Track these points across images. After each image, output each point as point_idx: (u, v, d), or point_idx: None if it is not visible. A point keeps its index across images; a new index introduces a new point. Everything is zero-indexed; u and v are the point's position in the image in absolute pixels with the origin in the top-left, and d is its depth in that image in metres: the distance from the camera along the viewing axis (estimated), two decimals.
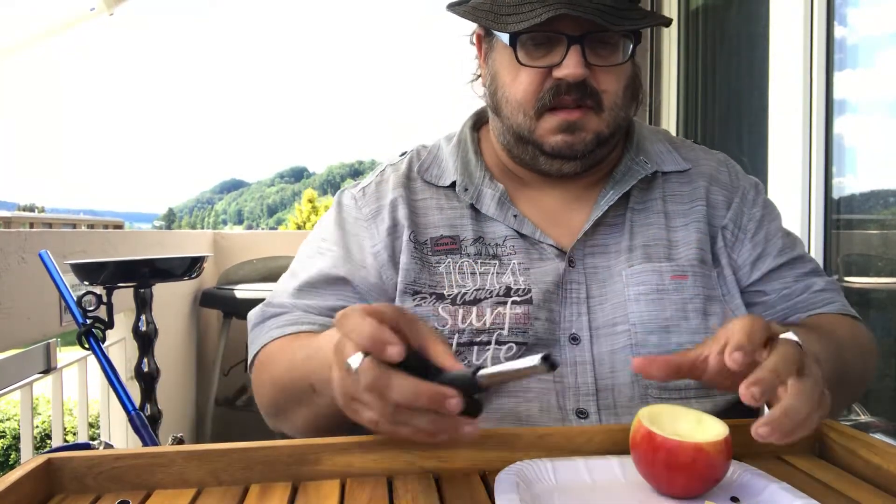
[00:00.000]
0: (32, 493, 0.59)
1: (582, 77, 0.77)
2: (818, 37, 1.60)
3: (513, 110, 0.82)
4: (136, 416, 1.46)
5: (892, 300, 1.56)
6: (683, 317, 0.80)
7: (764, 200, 0.91)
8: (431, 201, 0.88)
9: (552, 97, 0.79)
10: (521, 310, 0.80)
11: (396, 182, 0.90)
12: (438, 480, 0.64)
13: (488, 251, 0.84)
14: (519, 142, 0.84)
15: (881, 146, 1.57)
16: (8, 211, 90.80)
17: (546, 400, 0.78)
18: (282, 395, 0.79)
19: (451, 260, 0.84)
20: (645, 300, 0.80)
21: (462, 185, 0.87)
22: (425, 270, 0.84)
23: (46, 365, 1.79)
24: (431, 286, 0.83)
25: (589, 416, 0.78)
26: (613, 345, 0.80)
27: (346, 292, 0.85)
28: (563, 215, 0.88)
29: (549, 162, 0.83)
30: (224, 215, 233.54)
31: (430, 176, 0.90)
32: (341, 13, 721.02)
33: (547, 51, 0.78)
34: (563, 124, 0.80)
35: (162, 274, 1.72)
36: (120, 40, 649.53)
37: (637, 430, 0.59)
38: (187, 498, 0.61)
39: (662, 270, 0.82)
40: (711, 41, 2.28)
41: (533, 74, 0.79)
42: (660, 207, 0.87)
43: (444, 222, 0.87)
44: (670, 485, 0.58)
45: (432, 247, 0.85)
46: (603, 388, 0.79)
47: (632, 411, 0.77)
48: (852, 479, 0.64)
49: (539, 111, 0.80)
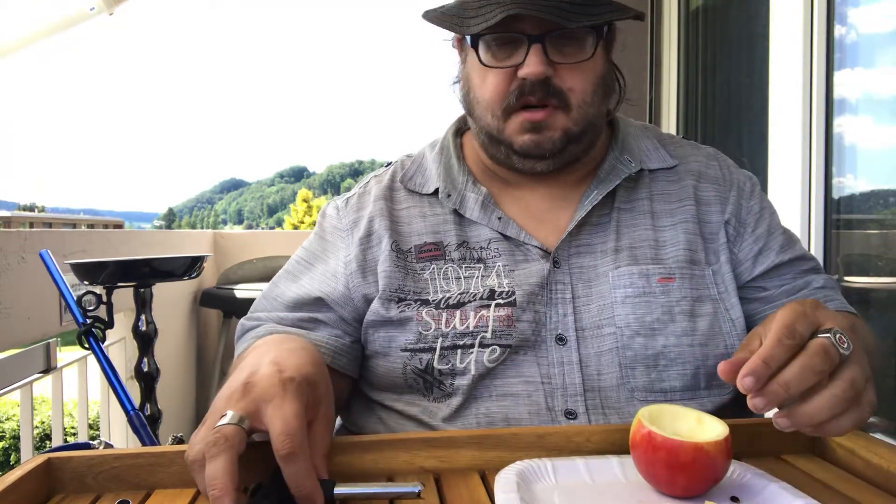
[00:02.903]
0: (32, 493, 0.59)
1: (543, 76, 0.78)
2: (818, 37, 1.60)
3: (483, 111, 0.83)
4: (136, 416, 1.46)
5: (892, 300, 1.56)
6: (670, 320, 0.80)
7: (760, 194, 0.91)
8: (415, 210, 0.89)
9: (516, 98, 0.80)
10: (504, 312, 0.80)
11: (378, 194, 0.91)
12: (438, 480, 0.64)
13: (473, 255, 0.85)
14: (492, 142, 0.85)
15: (881, 146, 1.57)
16: (8, 211, 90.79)
17: (535, 402, 0.78)
18: None
19: (435, 266, 0.84)
20: (631, 303, 0.80)
21: (445, 192, 0.88)
22: (409, 277, 0.84)
23: (46, 365, 1.79)
24: (416, 293, 0.83)
25: (578, 416, 0.78)
26: (600, 347, 0.80)
27: (320, 307, 0.87)
28: (549, 215, 0.88)
29: (522, 161, 0.84)
30: (224, 215, 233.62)
31: (413, 185, 0.91)
32: (342, 13, 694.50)
33: (510, 52, 0.79)
34: (526, 124, 0.81)
35: (162, 274, 1.73)
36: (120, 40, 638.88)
37: (637, 430, 0.59)
38: (187, 498, 0.61)
39: (649, 273, 0.82)
40: (711, 41, 2.28)
41: (499, 75, 0.80)
42: (646, 207, 0.87)
43: (428, 229, 0.87)
44: (670, 485, 0.58)
45: (416, 254, 0.86)
46: (590, 388, 0.79)
47: (619, 412, 0.78)
48: (852, 479, 0.64)
49: (506, 111, 0.81)
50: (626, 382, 0.78)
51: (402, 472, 0.65)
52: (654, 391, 0.78)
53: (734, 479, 0.60)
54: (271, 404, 0.56)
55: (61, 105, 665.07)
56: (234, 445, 0.53)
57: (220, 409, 0.57)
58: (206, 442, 0.53)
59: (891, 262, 1.56)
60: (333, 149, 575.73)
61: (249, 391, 0.58)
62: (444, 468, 0.65)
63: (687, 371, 0.78)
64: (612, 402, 0.78)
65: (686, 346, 0.79)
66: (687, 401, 0.79)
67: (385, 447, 0.65)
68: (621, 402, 0.78)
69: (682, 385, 0.78)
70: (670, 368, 0.78)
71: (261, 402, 0.57)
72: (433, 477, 0.64)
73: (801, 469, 0.66)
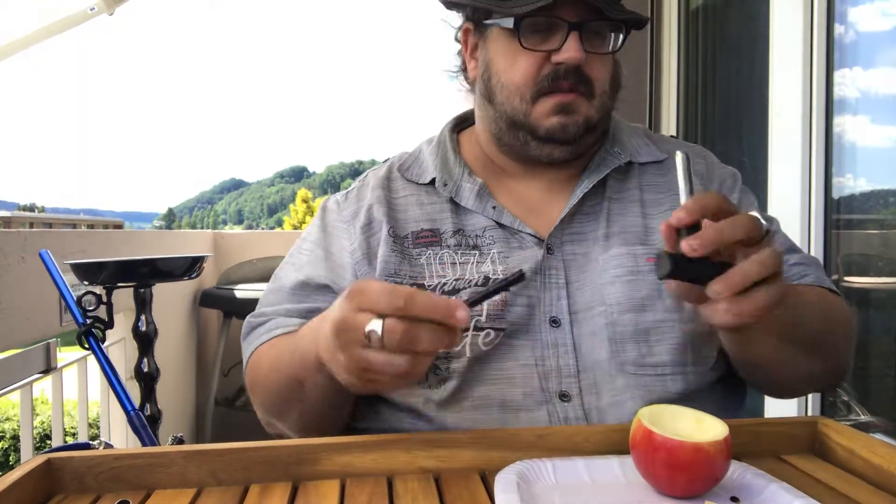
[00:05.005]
0: (32, 493, 0.59)
1: (580, 62, 0.81)
2: (818, 36, 1.60)
3: (509, 95, 0.85)
4: (136, 416, 1.46)
5: (892, 300, 1.56)
6: (658, 296, 0.82)
7: (741, 188, 0.94)
8: (412, 198, 0.91)
9: (550, 81, 0.82)
10: (498, 297, 0.81)
11: (376, 184, 0.93)
12: (438, 480, 0.64)
13: (468, 242, 0.87)
14: (511, 128, 0.87)
15: (881, 146, 1.57)
16: (8, 211, 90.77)
17: (530, 385, 0.80)
18: (272, 398, 0.82)
19: (431, 252, 0.86)
20: (620, 282, 0.82)
21: (441, 181, 0.90)
22: (406, 262, 0.86)
23: (46, 365, 1.79)
24: (412, 277, 0.85)
25: (571, 398, 0.79)
26: (593, 327, 0.81)
27: (325, 294, 0.88)
28: (542, 205, 0.90)
29: (541, 147, 0.86)
30: (224, 215, 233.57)
31: (410, 174, 0.94)
32: (342, 13, 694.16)
33: (545, 37, 0.82)
34: (558, 106, 0.83)
35: (162, 274, 1.73)
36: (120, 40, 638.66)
37: (637, 430, 0.59)
38: (187, 498, 0.61)
39: (637, 254, 0.84)
40: (711, 41, 2.28)
41: (531, 59, 0.83)
42: (636, 196, 0.89)
43: (424, 217, 0.89)
44: (670, 485, 0.58)
45: (413, 240, 0.88)
46: (584, 368, 0.80)
47: (612, 392, 0.79)
48: (852, 478, 0.64)
49: (535, 95, 0.83)
50: (616, 356, 0.80)
51: (403, 471, 0.65)
52: (643, 365, 0.80)
53: (734, 479, 0.60)
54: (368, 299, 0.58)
55: (61, 105, 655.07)
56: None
57: (348, 340, 0.59)
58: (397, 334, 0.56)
59: (891, 262, 1.56)
60: (333, 149, 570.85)
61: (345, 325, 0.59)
62: (444, 468, 0.65)
63: (675, 345, 0.80)
64: (604, 379, 0.80)
65: (674, 320, 0.81)
66: (676, 375, 0.80)
67: (385, 447, 0.65)
68: (613, 376, 0.79)
69: (671, 360, 0.80)
70: (660, 343, 0.80)
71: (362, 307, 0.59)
72: (433, 477, 0.64)
73: (801, 469, 0.66)
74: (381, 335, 0.56)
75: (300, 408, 0.78)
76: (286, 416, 0.81)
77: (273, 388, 0.81)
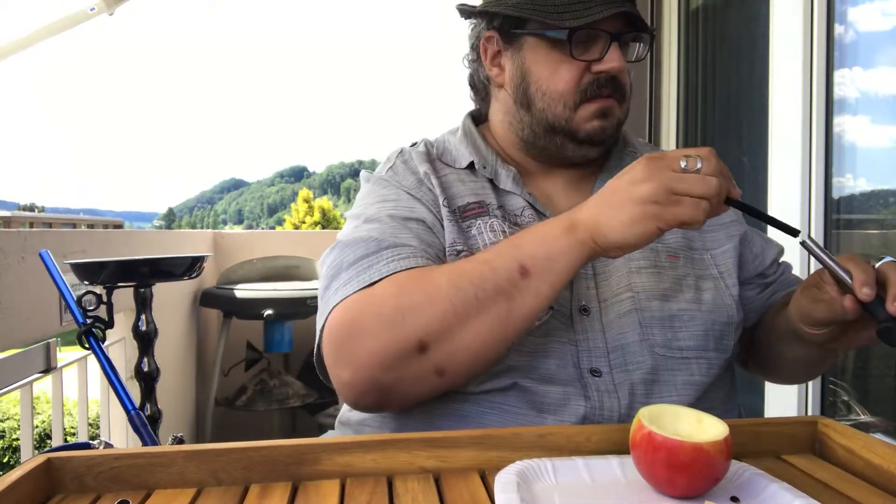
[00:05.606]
0: (32, 493, 0.59)
1: (622, 70, 0.88)
2: (818, 36, 1.60)
3: (551, 102, 0.89)
4: (136, 416, 1.46)
5: None
6: (679, 289, 0.87)
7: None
8: (453, 176, 0.94)
9: (595, 88, 0.88)
10: None
11: (421, 159, 0.95)
12: (438, 480, 0.64)
13: (510, 219, 0.90)
14: (549, 132, 0.91)
15: (881, 146, 1.57)
16: (8, 211, 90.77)
17: (564, 357, 0.82)
18: (456, 308, 0.74)
19: (481, 221, 0.89)
20: (646, 272, 0.88)
21: (480, 164, 0.94)
22: (461, 234, 0.88)
23: (46, 365, 1.79)
24: (469, 247, 0.87)
25: (602, 374, 0.82)
26: (620, 310, 0.85)
27: (427, 231, 0.87)
28: (566, 202, 0.93)
29: (577, 148, 0.91)
30: (224, 215, 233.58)
31: (446, 159, 0.96)
32: (342, 13, 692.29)
33: (586, 48, 0.87)
34: (598, 111, 0.89)
35: (162, 274, 1.72)
36: (120, 40, 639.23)
37: (637, 430, 0.60)
38: (187, 498, 0.61)
39: (658, 249, 0.90)
40: (711, 41, 2.28)
41: (573, 68, 0.88)
42: None
43: (469, 192, 0.92)
44: (670, 485, 0.58)
45: (461, 213, 0.90)
46: (613, 348, 0.84)
47: (641, 367, 0.83)
48: (852, 478, 0.64)
49: (578, 102, 0.88)
50: (647, 339, 0.84)
51: (402, 471, 0.65)
52: (671, 348, 0.84)
53: (734, 479, 0.60)
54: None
55: (61, 105, 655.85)
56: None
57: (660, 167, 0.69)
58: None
59: None
60: (333, 149, 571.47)
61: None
62: (444, 468, 0.66)
63: (699, 332, 0.86)
64: (634, 357, 0.83)
65: (696, 311, 0.86)
66: (699, 360, 0.85)
67: (385, 447, 0.65)
68: (644, 356, 0.83)
69: (696, 345, 0.85)
70: (684, 329, 0.85)
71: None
72: (433, 477, 0.64)
73: (801, 469, 0.66)
74: (699, 162, 0.67)
75: (500, 309, 0.73)
76: (464, 329, 0.74)
77: (458, 297, 0.73)
